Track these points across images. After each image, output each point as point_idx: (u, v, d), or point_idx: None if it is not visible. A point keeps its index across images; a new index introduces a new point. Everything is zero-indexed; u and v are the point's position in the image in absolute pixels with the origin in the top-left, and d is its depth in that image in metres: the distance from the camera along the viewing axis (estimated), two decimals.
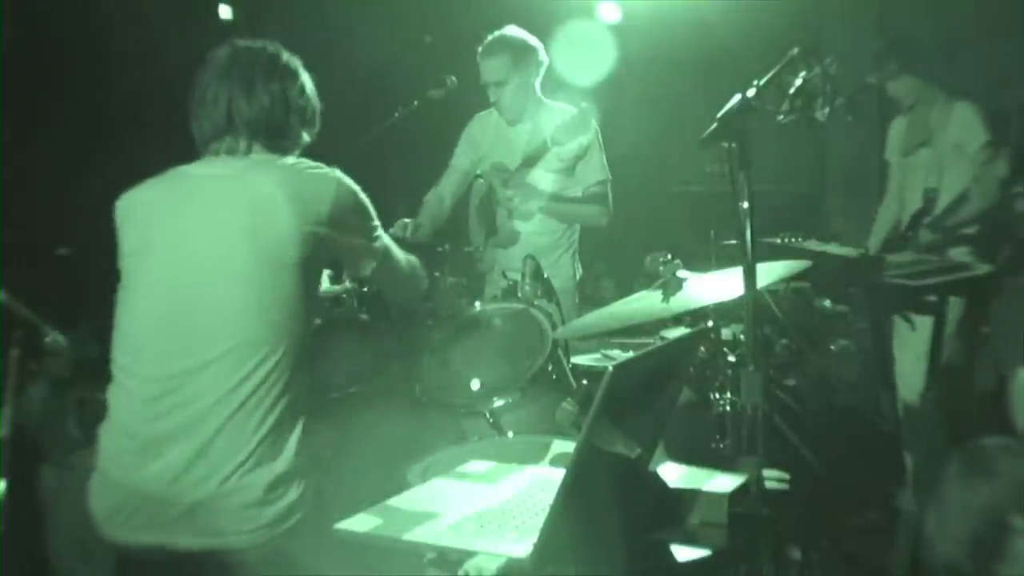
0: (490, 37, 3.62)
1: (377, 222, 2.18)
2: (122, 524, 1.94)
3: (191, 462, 1.90)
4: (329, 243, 2.03)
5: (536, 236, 3.65)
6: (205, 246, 1.98)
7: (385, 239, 2.21)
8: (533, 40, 3.65)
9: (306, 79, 2.17)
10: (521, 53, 3.59)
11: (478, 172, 3.78)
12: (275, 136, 2.09)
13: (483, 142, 3.80)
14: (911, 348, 3.88)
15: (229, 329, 1.94)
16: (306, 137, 2.19)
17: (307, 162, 2.09)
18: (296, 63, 2.16)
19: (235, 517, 1.91)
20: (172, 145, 2.14)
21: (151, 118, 4.26)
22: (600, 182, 3.65)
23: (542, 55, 3.66)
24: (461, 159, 3.85)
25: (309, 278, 2.04)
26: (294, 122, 2.12)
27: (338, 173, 2.08)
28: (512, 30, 3.64)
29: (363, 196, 2.12)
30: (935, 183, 4.06)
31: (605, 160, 3.67)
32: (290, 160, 2.09)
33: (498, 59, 3.57)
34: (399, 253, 2.29)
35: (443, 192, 3.82)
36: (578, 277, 3.83)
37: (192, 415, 1.92)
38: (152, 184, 2.10)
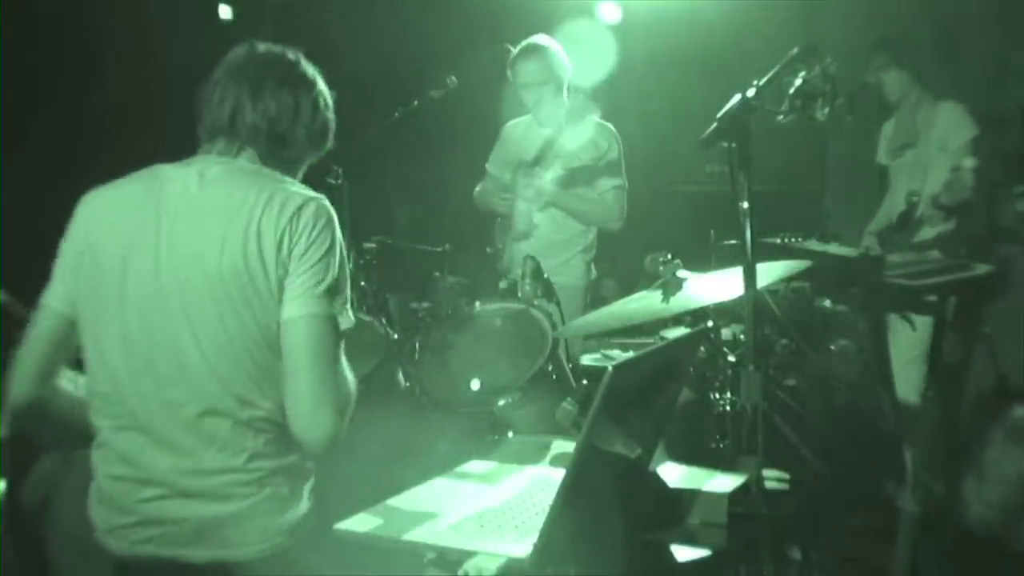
0: (524, 43, 3.72)
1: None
2: (123, 537, 1.88)
3: (189, 472, 1.83)
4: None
5: (550, 233, 3.73)
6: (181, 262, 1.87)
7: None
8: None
9: (323, 93, 2.04)
10: (557, 58, 3.71)
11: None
12: (276, 145, 1.97)
13: (515, 152, 3.88)
14: (906, 348, 3.88)
15: (208, 332, 1.83)
16: (311, 154, 2.06)
17: (289, 182, 1.94)
18: (315, 75, 2.03)
19: (243, 528, 1.84)
20: (172, 145, 2.13)
21: (151, 118, 4.26)
22: (615, 187, 3.74)
23: (569, 64, 3.78)
24: (494, 166, 3.97)
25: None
26: (299, 134, 1.98)
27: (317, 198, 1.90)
28: (545, 38, 3.75)
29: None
30: (918, 185, 4.07)
31: (624, 168, 3.76)
32: (267, 174, 1.94)
33: (538, 62, 3.68)
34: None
35: (487, 187, 3.97)
36: (590, 279, 3.87)
37: (181, 422, 1.84)
38: (122, 184, 2.03)
